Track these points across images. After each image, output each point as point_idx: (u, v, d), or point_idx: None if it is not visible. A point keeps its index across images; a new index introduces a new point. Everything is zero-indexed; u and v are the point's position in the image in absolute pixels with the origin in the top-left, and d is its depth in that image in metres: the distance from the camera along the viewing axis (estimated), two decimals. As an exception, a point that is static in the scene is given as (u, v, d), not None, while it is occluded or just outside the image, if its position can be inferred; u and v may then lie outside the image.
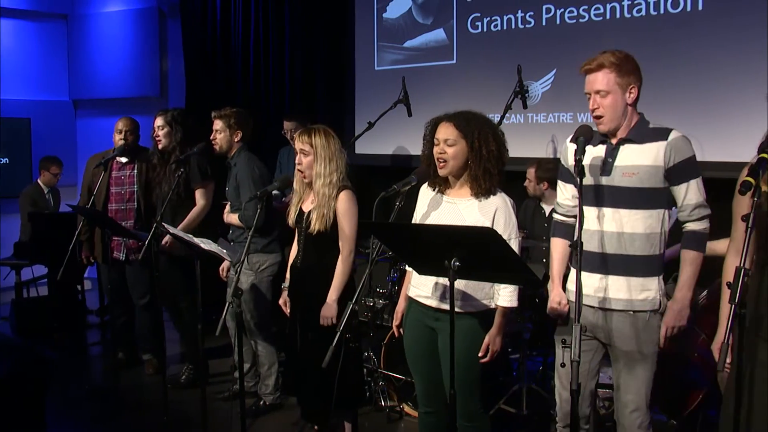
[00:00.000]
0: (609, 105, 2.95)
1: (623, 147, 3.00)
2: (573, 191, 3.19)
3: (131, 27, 9.02)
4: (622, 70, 2.96)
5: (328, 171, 3.83)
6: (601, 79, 2.95)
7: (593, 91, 2.98)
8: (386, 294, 5.29)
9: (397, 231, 3.08)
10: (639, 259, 2.99)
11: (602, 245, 3.00)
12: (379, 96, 6.64)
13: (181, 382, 5.44)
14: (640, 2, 5.40)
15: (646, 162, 2.95)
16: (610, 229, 2.99)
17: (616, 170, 2.98)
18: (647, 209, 2.97)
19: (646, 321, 3.00)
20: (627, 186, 2.96)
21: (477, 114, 3.32)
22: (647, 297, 3.00)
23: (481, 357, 3.24)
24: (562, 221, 3.27)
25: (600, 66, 2.96)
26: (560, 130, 5.81)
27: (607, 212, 3.00)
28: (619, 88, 2.95)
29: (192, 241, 4.12)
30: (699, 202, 2.99)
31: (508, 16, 6.15)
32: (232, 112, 4.88)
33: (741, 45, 4.94)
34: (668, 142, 2.94)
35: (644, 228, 2.98)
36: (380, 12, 7.05)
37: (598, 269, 3.02)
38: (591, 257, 3.00)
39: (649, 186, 2.95)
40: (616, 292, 3.01)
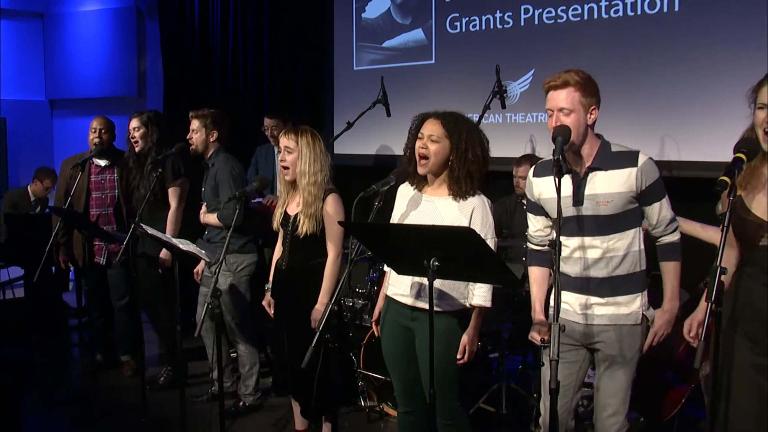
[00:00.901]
0: (572, 123, 2.90)
1: (591, 175, 2.98)
2: (544, 222, 3.20)
3: (108, 26, 8.97)
4: (586, 90, 2.93)
5: (313, 170, 3.84)
6: (564, 97, 2.91)
7: (556, 108, 2.93)
8: (366, 294, 5.30)
9: (376, 231, 3.09)
10: (623, 279, 3.01)
11: (586, 269, 3.01)
12: (358, 96, 6.64)
13: (159, 383, 5.41)
14: (618, 3, 5.44)
15: (619, 189, 2.94)
16: (594, 256, 3.00)
17: (590, 199, 2.97)
18: (625, 231, 2.99)
19: (630, 328, 3.02)
20: (604, 214, 2.96)
21: (465, 117, 3.35)
22: (631, 312, 3.02)
23: (459, 358, 3.25)
24: (537, 250, 3.25)
25: (565, 83, 2.92)
26: (538, 130, 5.84)
27: (589, 240, 2.99)
28: (582, 107, 2.92)
29: (170, 242, 4.10)
30: (672, 217, 3.04)
31: (486, 16, 6.18)
32: (209, 113, 4.86)
33: (717, 45, 4.99)
34: (639, 168, 2.93)
35: (625, 249, 3.00)
36: (359, 12, 7.05)
37: (583, 291, 3.03)
38: (574, 281, 3.03)
39: (623, 210, 2.97)
40: (600, 309, 3.02)
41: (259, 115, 7.52)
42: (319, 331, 3.01)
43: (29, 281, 6.88)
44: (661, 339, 3.03)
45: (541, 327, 3.11)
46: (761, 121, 2.57)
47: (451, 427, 3.38)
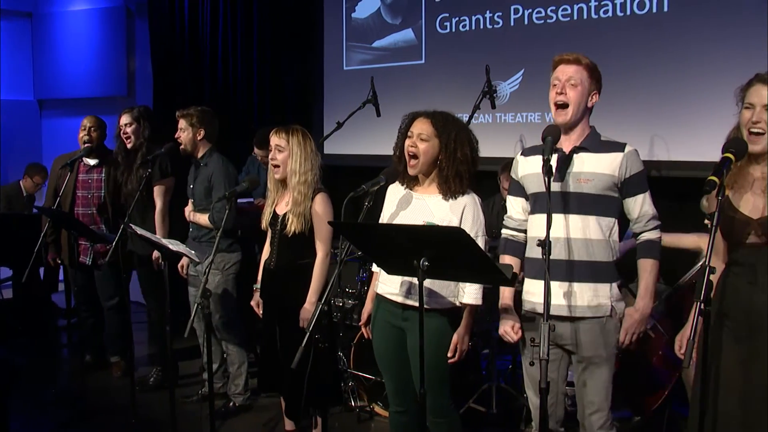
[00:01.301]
0: (575, 96, 2.98)
1: (577, 155, 3.02)
2: (523, 204, 3.22)
3: (97, 26, 8.93)
4: (593, 74, 3.03)
5: (303, 169, 3.85)
6: (574, 70, 3.00)
7: (564, 78, 3.00)
8: (355, 294, 5.29)
9: (366, 231, 3.09)
10: (602, 265, 3.02)
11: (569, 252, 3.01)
12: (348, 96, 6.64)
13: (149, 384, 5.40)
14: (607, 3, 5.47)
15: (602, 170, 2.98)
16: (576, 236, 2.99)
17: (573, 177, 3.00)
18: (603, 216, 3.01)
19: (603, 324, 3.03)
20: (581, 192, 2.98)
21: (455, 117, 3.36)
22: (602, 303, 3.02)
23: (450, 357, 3.26)
24: (512, 237, 3.26)
25: (577, 60, 3.02)
26: (528, 130, 5.85)
27: (571, 218, 3.00)
28: (587, 86, 3.01)
29: (160, 242, 4.09)
30: (654, 213, 3.06)
31: (476, 16, 6.19)
32: (195, 111, 4.85)
33: (705, 45, 5.02)
34: (625, 154, 2.98)
35: (603, 235, 3.01)
36: (349, 12, 7.05)
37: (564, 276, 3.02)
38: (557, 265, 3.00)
39: (603, 193, 2.99)
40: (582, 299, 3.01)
41: (249, 116, 7.54)
42: (308, 331, 3.00)
43: (18, 282, 6.85)
44: (634, 338, 3.04)
45: (513, 320, 3.13)
46: (746, 121, 2.60)
47: (443, 426, 3.39)
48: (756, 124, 2.58)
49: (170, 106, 5.30)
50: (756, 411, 2.62)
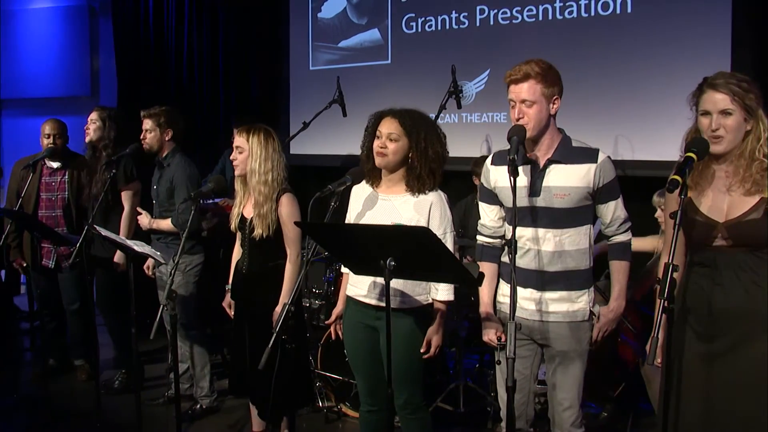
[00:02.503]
0: (534, 115, 2.93)
1: (550, 168, 3.01)
2: (498, 212, 3.22)
3: (60, 24, 8.80)
4: (548, 80, 2.94)
5: (263, 169, 3.80)
6: (527, 89, 2.93)
7: (519, 100, 2.95)
8: (322, 294, 5.28)
9: (332, 231, 3.08)
10: (575, 273, 3.05)
11: (540, 263, 3.04)
12: (314, 96, 6.62)
13: (114, 387, 5.33)
14: (572, 4, 5.52)
15: (577, 183, 2.97)
16: (547, 249, 3.02)
17: (547, 191, 2.99)
18: (578, 226, 3.03)
19: (578, 323, 3.06)
20: (559, 207, 2.99)
21: (422, 114, 3.36)
22: (580, 308, 3.06)
23: (424, 353, 3.27)
24: (488, 244, 3.27)
25: (526, 76, 2.93)
26: (494, 130, 5.89)
27: (542, 232, 3.02)
28: (544, 98, 2.94)
29: (125, 243, 4.05)
30: (625, 216, 3.09)
31: (442, 16, 6.21)
32: (161, 111, 4.81)
33: (668, 46, 5.10)
34: (598, 165, 2.98)
35: (577, 244, 3.04)
36: (315, 12, 7.03)
37: (535, 285, 3.06)
38: (528, 274, 3.05)
39: (578, 206, 3.00)
40: (554, 305, 3.05)
41: (215, 115, 7.49)
42: (275, 332, 2.99)
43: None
44: (605, 335, 3.10)
45: (495, 327, 3.14)
46: (705, 128, 2.63)
47: (414, 422, 3.41)
48: (715, 131, 2.61)
49: (135, 106, 5.25)
50: (717, 407, 2.66)
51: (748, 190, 2.62)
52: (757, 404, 2.59)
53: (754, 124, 2.60)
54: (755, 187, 2.60)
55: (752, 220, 2.60)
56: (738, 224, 2.62)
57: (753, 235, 2.60)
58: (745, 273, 2.62)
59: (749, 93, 2.58)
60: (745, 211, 2.61)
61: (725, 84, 2.59)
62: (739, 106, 2.58)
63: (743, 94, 2.58)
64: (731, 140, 2.61)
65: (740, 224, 2.61)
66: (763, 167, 2.59)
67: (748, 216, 2.60)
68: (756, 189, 2.60)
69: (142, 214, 4.84)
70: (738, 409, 2.62)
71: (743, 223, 2.61)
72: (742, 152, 2.62)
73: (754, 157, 2.59)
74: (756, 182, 2.59)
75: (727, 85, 2.59)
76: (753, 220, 2.60)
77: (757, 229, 2.59)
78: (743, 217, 2.61)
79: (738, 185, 2.64)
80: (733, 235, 2.62)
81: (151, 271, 4.89)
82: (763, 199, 2.59)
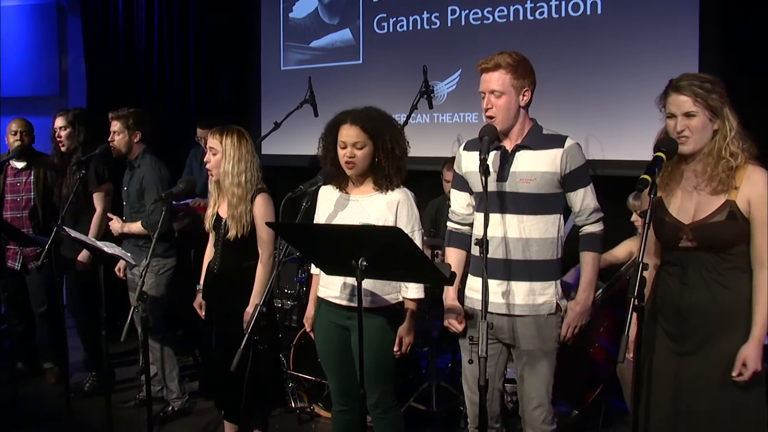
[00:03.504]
0: (502, 105, 2.97)
1: (519, 153, 3.03)
2: (467, 199, 3.24)
3: (27, 23, 8.67)
4: (518, 72, 2.98)
5: (237, 171, 3.77)
6: (496, 79, 2.97)
7: (488, 90, 2.99)
8: (294, 295, 5.27)
9: (304, 232, 3.08)
10: (540, 264, 3.05)
11: (506, 251, 3.04)
12: (286, 96, 6.60)
13: (84, 390, 5.28)
14: (543, 5, 5.56)
15: (543, 168, 2.99)
16: (513, 235, 3.03)
17: (513, 176, 3.01)
18: (545, 214, 3.03)
19: (545, 320, 3.06)
20: (525, 192, 3.00)
21: (379, 112, 3.34)
22: (545, 301, 3.06)
23: (396, 350, 3.29)
24: (456, 230, 3.28)
25: (497, 66, 2.97)
26: (466, 130, 5.90)
27: (508, 218, 3.03)
28: (513, 89, 2.97)
29: (95, 244, 4.01)
30: (595, 206, 3.09)
31: (413, 16, 6.22)
32: (129, 113, 4.77)
33: (638, 47, 5.15)
34: (565, 150, 3.00)
35: (543, 233, 3.04)
36: (286, 11, 7.01)
37: (501, 275, 3.05)
38: (494, 263, 3.03)
39: (546, 192, 3.01)
40: (519, 298, 3.05)
41: (185, 116, 7.43)
42: (247, 333, 2.98)
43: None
44: (576, 331, 3.09)
45: (457, 313, 3.15)
46: (672, 130, 2.67)
47: (386, 421, 3.42)
48: (681, 133, 2.64)
49: (104, 106, 5.20)
50: (685, 405, 2.70)
51: (714, 190, 2.65)
52: (721, 402, 2.64)
53: (721, 124, 2.63)
54: (721, 186, 2.63)
55: (716, 222, 2.63)
56: (702, 226, 2.65)
57: (716, 238, 2.64)
58: (710, 273, 2.66)
59: (712, 93, 2.61)
60: (710, 213, 2.65)
61: (688, 86, 2.63)
62: (702, 107, 2.61)
63: (706, 95, 2.61)
64: (697, 140, 2.64)
65: (704, 226, 2.65)
66: (729, 166, 2.61)
67: (712, 218, 2.64)
68: (722, 188, 2.63)
69: (113, 219, 4.79)
70: (703, 407, 2.66)
71: (707, 226, 2.64)
72: (710, 151, 2.65)
73: (720, 156, 2.62)
74: (722, 181, 2.62)
75: (690, 87, 2.62)
76: (716, 222, 2.63)
77: (721, 232, 2.63)
78: (707, 219, 2.65)
79: (705, 184, 2.67)
80: (698, 236, 2.66)
81: (122, 273, 4.85)
82: (727, 201, 2.63)
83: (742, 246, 2.65)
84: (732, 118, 2.63)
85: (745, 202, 2.61)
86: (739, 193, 2.61)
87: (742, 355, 2.59)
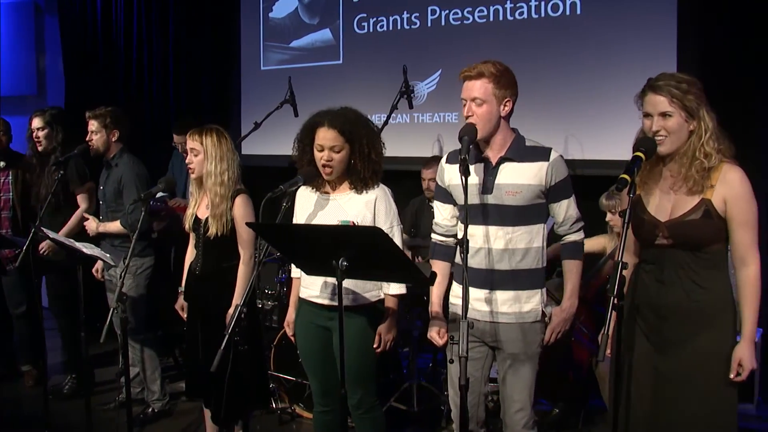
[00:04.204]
0: (483, 114, 2.96)
1: (503, 166, 3.03)
2: (451, 211, 3.24)
3: (4, 21, 8.59)
4: (501, 82, 2.97)
5: (219, 170, 3.78)
6: (478, 87, 2.95)
7: (469, 98, 2.98)
8: (275, 295, 5.26)
9: (284, 232, 3.08)
10: (525, 273, 3.06)
11: (490, 262, 3.05)
12: (266, 96, 6.59)
13: (64, 392, 5.24)
14: (522, 5, 5.58)
15: (529, 181, 2.99)
16: (498, 247, 3.03)
17: (499, 189, 3.01)
18: (530, 225, 3.05)
19: (530, 325, 3.08)
20: (511, 204, 3.00)
21: (356, 114, 3.34)
22: (531, 309, 3.07)
23: (376, 347, 3.29)
24: (441, 242, 3.28)
25: (479, 75, 2.96)
26: (446, 130, 5.92)
27: (493, 230, 3.03)
28: (495, 99, 2.96)
29: (73, 245, 3.99)
30: (578, 216, 3.12)
31: (393, 17, 6.23)
32: (106, 112, 4.74)
33: (617, 47, 5.19)
34: (550, 163, 3.00)
35: (528, 243, 3.05)
36: (266, 11, 7.00)
37: (486, 285, 3.06)
38: (478, 273, 3.05)
39: (530, 203, 3.02)
40: (504, 306, 3.06)
41: (165, 115, 7.39)
42: (228, 333, 2.97)
43: None
44: (558, 336, 3.11)
45: (440, 325, 3.16)
46: (648, 129, 2.70)
47: (368, 421, 3.42)
48: (657, 133, 2.67)
49: (83, 106, 5.16)
50: (663, 402, 2.72)
51: (690, 190, 2.67)
52: (698, 399, 2.66)
53: (696, 124, 2.65)
54: (696, 187, 2.65)
55: (691, 220, 2.66)
56: (677, 224, 2.68)
57: (691, 236, 2.67)
58: (685, 272, 2.69)
59: (688, 94, 2.63)
60: (686, 211, 2.67)
61: (665, 86, 2.65)
62: (678, 107, 2.63)
63: (682, 96, 2.63)
64: (673, 141, 2.66)
65: (680, 224, 2.67)
66: (703, 167, 2.63)
67: (688, 217, 2.66)
68: (697, 189, 2.65)
69: (89, 219, 4.76)
70: (680, 405, 2.69)
71: (682, 224, 2.67)
72: (685, 152, 2.67)
73: (694, 157, 2.64)
74: (696, 182, 2.64)
75: (667, 87, 2.64)
76: (692, 220, 2.66)
77: (696, 230, 2.66)
78: (683, 217, 2.67)
79: (681, 184, 2.69)
80: (674, 234, 2.68)
81: (100, 274, 4.81)
82: (703, 200, 2.65)
83: (718, 245, 2.68)
84: (708, 118, 2.65)
85: (720, 201, 2.63)
86: (715, 192, 2.64)
87: (737, 355, 2.62)
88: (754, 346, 2.65)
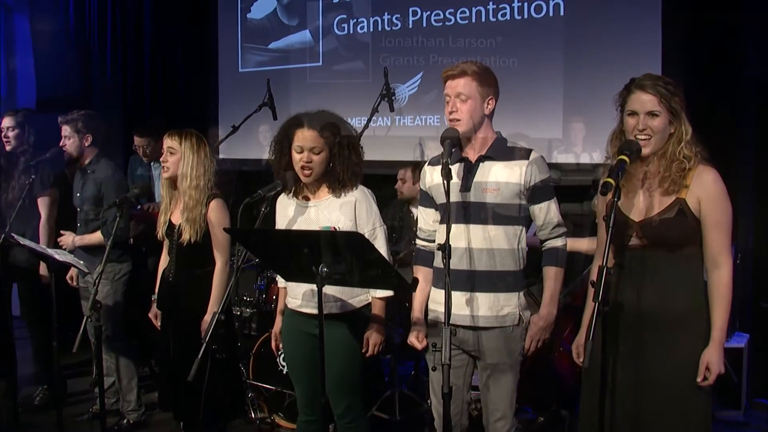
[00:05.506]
0: (467, 110, 2.96)
1: (483, 164, 3.02)
2: (434, 215, 3.20)
3: (-28, 21, 8.47)
4: (483, 80, 2.98)
5: (195, 174, 3.72)
6: (463, 84, 2.96)
7: (454, 94, 2.98)
8: (253, 302, 5.18)
9: (262, 237, 3.02)
10: (505, 275, 3.02)
11: (469, 262, 3.01)
12: (244, 98, 6.53)
13: (35, 404, 5.11)
14: (505, 6, 5.56)
15: (508, 179, 2.98)
16: (477, 246, 3.00)
17: (477, 186, 2.99)
18: (509, 225, 3.01)
19: (509, 333, 3.04)
20: (490, 202, 2.98)
21: (335, 116, 3.30)
22: (509, 312, 3.03)
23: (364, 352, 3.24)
24: (424, 247, 3.25)
25: (463, 73, 2.97)
26: (427, 133, 5.88)
27: (472, 228, 3.00)
28: (479, 96, 2.97)
29: (45, 252, 3.89)
30: (559, 221, 3.08)
31: (374, 18, 6.18)
32: (79, 116, 4.63)
33: (599, 49, 5.20)
34: (530, 162, 2.99)
35: (508, 244, 3.01)
36: (244, 12, 6.94)
37: (467, 287, 3.02)
38: (459, 275, 3.00)
39: (509, 202, 2.99)
40: (483, 308, 3.01)
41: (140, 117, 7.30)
42: (205, 342, 2.90)
43: None
44: (539, 344, 3.07)
45: (419, 331, 3.12)
46: (632, 128, 2.69)
47: (353, 430, 3.35)
48: (642, 132, 2.65)
49: (55, 108, 5.06)
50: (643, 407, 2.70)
51: (666, 190, 2.67)
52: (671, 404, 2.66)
53: (677, 127, 2.66)
54: (673, 187, 2.65)
55: (665, 219, 2.65)
56: (651, 223, 2.67)
57: (665, 235, 2.66)
58: (659, 277, 2.68)
59: (675, 96, 2.64)
60: (660, 210, 2.67)
61: (653, 86, 2.65)
62: (665, 108, 2.64)
63: (669, 97, 2.64)
64: (657, 141, 2.66)
65: (654, 223, 2.66)
66: (682, 168, 2.64)
67: (662, 215, 2.66)
68: (673, 188, 2.65)
69: (64, 234, 4.64)
70: (654, 407, 2.68)
71: (656, 223, 2.66)
72: (664, 153, 2.67)
73: (674, 159, 2.64)
74: (674, 182, 2.64)
75: (655, 87, 2.65)
76: (666, 219, 2.65)
77: (670, 229, 2.65)
78: (657, 216, 2.67)
79: (657, 185, 2.69)
80: (647, 234, 2.67)
81: (75, 282, 4.70)
82: (677, 200, 2.65)
83: (692, 247, 2.68)
84: (687, 123, 2.66)
85: (695, 201, 2.64)
86: (689, 192, 2.64)
87: (704, 359, 2.61)
88: (722, 351, 2.63)
